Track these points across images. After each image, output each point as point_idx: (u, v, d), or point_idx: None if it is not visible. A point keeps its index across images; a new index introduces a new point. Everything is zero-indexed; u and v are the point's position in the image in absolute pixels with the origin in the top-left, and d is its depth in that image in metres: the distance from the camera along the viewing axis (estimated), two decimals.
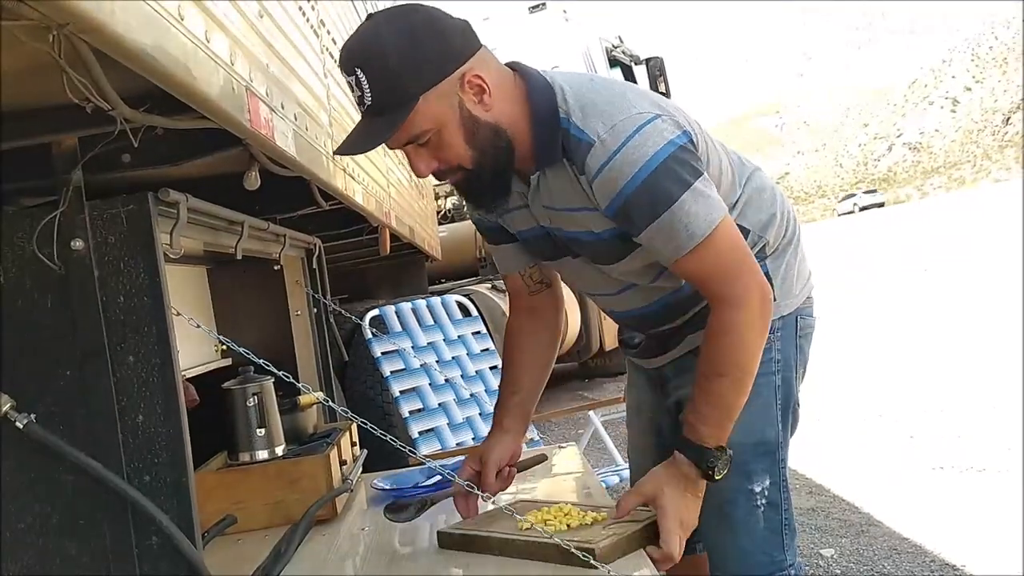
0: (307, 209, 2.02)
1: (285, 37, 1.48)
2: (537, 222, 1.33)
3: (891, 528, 2.81)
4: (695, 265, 1.19)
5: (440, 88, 1.14)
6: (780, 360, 1.37)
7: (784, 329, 1.37)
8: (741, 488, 1.33)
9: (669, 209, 1.15)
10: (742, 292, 1.19)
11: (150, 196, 1.12)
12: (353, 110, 2.08)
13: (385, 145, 1.21)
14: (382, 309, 3.07)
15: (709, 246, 1.17)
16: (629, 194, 1.15)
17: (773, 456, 1.36)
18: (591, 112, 1.18)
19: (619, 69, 7.27)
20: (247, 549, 1.46)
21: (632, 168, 1.14)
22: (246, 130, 1.14)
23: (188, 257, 1.72)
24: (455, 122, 1.16)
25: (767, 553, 1.35)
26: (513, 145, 1.21)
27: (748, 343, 1.20)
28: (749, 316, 1.19)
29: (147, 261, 1.11)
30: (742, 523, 1.34)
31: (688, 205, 1.15)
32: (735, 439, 1.26)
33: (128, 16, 0.76)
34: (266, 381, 1.66)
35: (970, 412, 4.05)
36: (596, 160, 1.16)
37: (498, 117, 1.19)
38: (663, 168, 1.14)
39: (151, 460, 1.10)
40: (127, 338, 1.10)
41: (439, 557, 1.35)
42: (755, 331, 1.21)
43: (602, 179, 1.16)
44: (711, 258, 1.18)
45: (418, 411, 2.85)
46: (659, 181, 1.14)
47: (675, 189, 1.15)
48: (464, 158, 1.19)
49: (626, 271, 1.31)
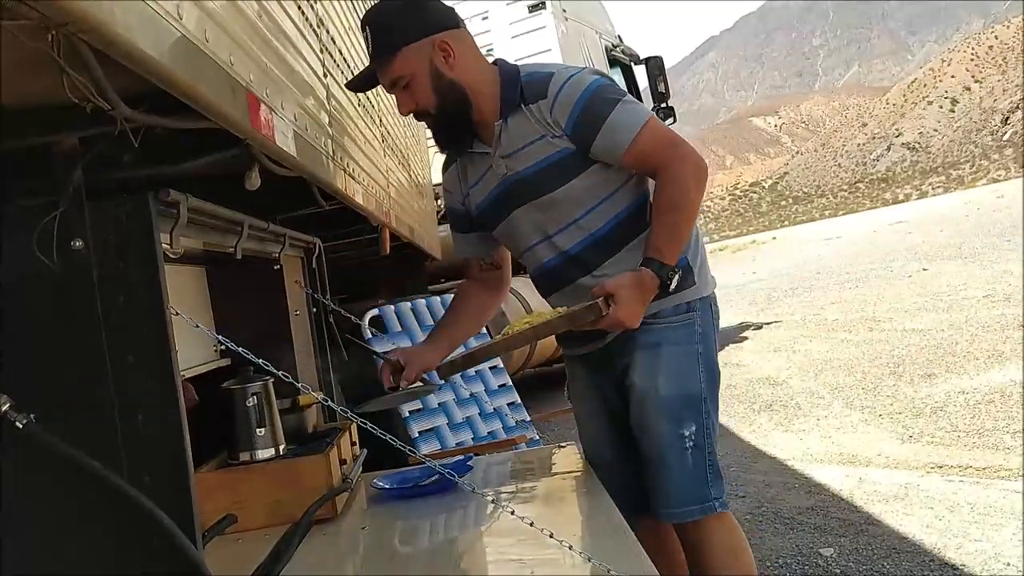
0: (307, 209, 2.02)
1: (285, 37, 1.48)
2: (496, 179, 1.69)
3: (891, 527, 2.81)
4: (642, 146, 1.56)
5: (416, 45, 1.58)
6: (701, 332, 1.67)
7: (702, 309, 1.69)
8: (672, 432, 1.63)
9: (614, 109, 1.57)
10: (681, 154, 1.56)
11: (150, 196, 1.12)
12: (352, 109, 2.09)
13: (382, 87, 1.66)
14: (381, 309, 3.08)
15: (649, 130, 1.57)
16: (584, 102, 1.57)
17: (699, 408, 1.65)
18: (545, 67, 1.66)
19: (619, 68, 7.27)
20: (247, 548, 1.46)
21: (580, 87, 1.59)
22: (246, 130, 1.14)
23: (187, 257, 1.71)
24: (425, 73, 1.59)
25: (697, 486, 1.63)
26: (470, 99, 1.62)
27: (690, 188, 1.56)
28: (687, 170, 1.56)
29: (147, 261, 1.11)
30: (675, 462, 1.63)
31: (627, 105, 1.59)
32: (668, 394, 1.62)
33: (127, 16, 0.76)
34: (266, 381, 1.66)
35: (970, 412, 4.05)
36: (556, 84, 1.60)
37: (459, 76, 1.60)
38: (601, 87, 1.60)
39: (151, 460, 1.10)
40: (126, 338, 1.10)
41: (439, 557, 1.35)
42: (695, 181, 1.57)
43: (562, 95, 1.59)
44: (653, 138, 1.57)
45: (418, 411, 2.85)
46: (601, 94, 1.59)
47: (613, 98, 1.59)
48: (430, 103, 1.61)
49: (567, 197, 1.63)
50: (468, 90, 1.62)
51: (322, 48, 1.88)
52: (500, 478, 1.90)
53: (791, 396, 5.15)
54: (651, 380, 1.64)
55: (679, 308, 1.66)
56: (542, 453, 2.17)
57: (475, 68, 1.64)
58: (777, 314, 9.30)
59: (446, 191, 1.85)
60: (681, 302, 1.65)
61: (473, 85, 1.62)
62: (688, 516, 1.63)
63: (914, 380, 4.93)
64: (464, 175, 1.77)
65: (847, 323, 7.64)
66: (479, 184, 1.73)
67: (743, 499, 3.33)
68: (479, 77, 1.63)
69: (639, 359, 1.66)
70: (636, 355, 1.66)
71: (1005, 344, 5.37)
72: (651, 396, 1.64)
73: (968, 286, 8.41)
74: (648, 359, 1.65)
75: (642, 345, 1.66)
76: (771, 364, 6.34)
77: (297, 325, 2.14)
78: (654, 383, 1.64)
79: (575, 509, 1.64)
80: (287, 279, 2.13)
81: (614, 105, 1.57)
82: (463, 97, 1.62)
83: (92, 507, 1.08)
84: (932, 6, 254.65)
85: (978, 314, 6.67)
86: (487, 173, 1.71)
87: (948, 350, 5.56)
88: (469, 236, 1.84)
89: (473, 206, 1.77)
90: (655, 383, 1.64)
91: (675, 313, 1.65)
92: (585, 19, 6.92)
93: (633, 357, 1.67)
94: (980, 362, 5.04)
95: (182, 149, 1.28)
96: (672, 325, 1.65)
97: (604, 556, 1.21)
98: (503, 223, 1.73)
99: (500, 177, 1.68)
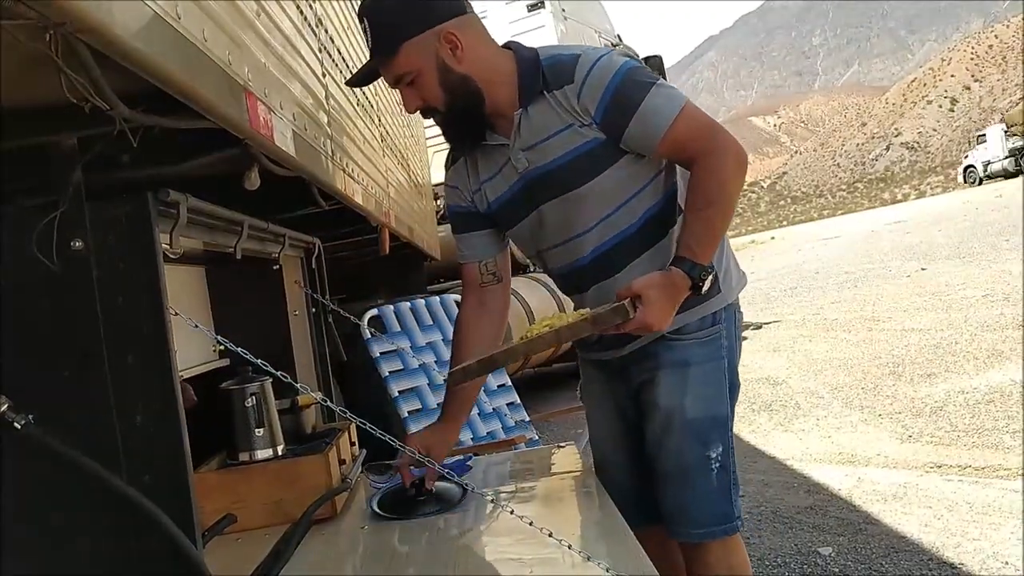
0: (306, 209, 2.02)
1: (284, 36, 1.48)
2: (516, 172, 1.55)
3: (889, 527, 2.81)
4: (678, 134, 1.43)
5: (420, 39, 1.43)
6: (727, 347, 1.58)
7: (727, 320, 1.59)
8: (699, 454, 1.55)
9: (648, 93, 1.43)
10: (721, 143, 1.43)
11: (150, 196, 1.12)
12: (351, 109, 2.08)
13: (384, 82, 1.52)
14: (381, 309, 3.07)
15: (685, 117, 1.43)
16: (616, 86, 1.43)
17: (725, 427, 1.58)
18: (567, 49, 1.50)
19: None
20: (247, 548, 1.46)
21: (611, 70, 1.44)
22: (245, 130, 1.14)
23: (186, 257, 1.71)
24: (431, 68, 1.45)
25: (720, 508, 1.58)
26: (482, 93, 1.48)
27: (730, 179, 1.43)
28: (729, 159, 1.43)
29: (146, 261, 1.11)
30: (701, 484, 1.57)
31: (661, 89, 1.45)
32: (696, 416, 1.54)
33: (126, 16, 0.76)
34: (265, 381, 1.66)
35: (969, 411, 4.05)
36: (583, 67, 1.45)
37: (469, 69, 1.46)
38: (632, 70, 1.46)
39: (150, 460, 1.10)
40: (125, 338, 1.10)
41: (439, 557, 1.35)
42: (734, 171, 1.44)
43: (591, 79, 1.44)
44: (690, 125, 1.43)
45: (417, 411, 2.85)
46: (633, 77, 1.45)
47: (646, 81, 1.45)
48: (438, 99, 1.48)
49: (597, 192, 1.51)
50: (480, 83, 1.47)
51: (321, 48, 1.88)
52: (499, 478, 1.90)
53: (790, 396, 5.15)
54: (678, 400, 1.55)
55: (704, 321, 1.55)
56: (541, 453, 2.17)
57: (487, 58, 1.49)
58: (776, 314, 9.30)
59: (449, 188, 1.69)
60: (706, 314, 1.55)
61: (486, 76, 1.48)
62: (711, 536, 1.58)
63: (913, 380, 4.93)
64: (475, 169, 1.62)
65: (846, 323, 7.64)
66: (495, 179, 1.59)
67: (742, 498, 3.29)
68: (492, 67, 1.49)
69: (663, 378, 1.56)
70: (660, 373, 1.57)
71: (1004, 344, 5.37)
72: (677, 417, 1.55)
73: (967, 285, 8.41)
74: (674, 378, 1.55)
75: (667, 363, 1.56)
76: (770, 364, 6.34)
77: (296, 325, 2.14)
78: (680, 404, 1.55)
79: (574, 509, 1.63)
80: (286, 279, 2.13)
81: (648, 89, 1.43)
82: (475, 92, 1.48)
83: (91, 508, 1.08)
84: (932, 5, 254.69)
85: (977, 314, 6.67)
86: (505, 167, 1.56)
87: (947, 350, 5.56)
88: (471, 236, 1.68)
89: (487, 203, 1.62)
90: (682, 404, 1.55)
91: (701, 327, 1.55)
92: (584, 18, 6.92)
93: (657, 375, 1.57)
94: (979, 362, 5.04)
95: (181, 149, 1.28)
96: (699, 340, 1.55)
97: (604, 556, 1.21)
98: (523, 221, 1.60)
99: (520, 171, 1.54)
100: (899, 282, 9.89)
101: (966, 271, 9.57)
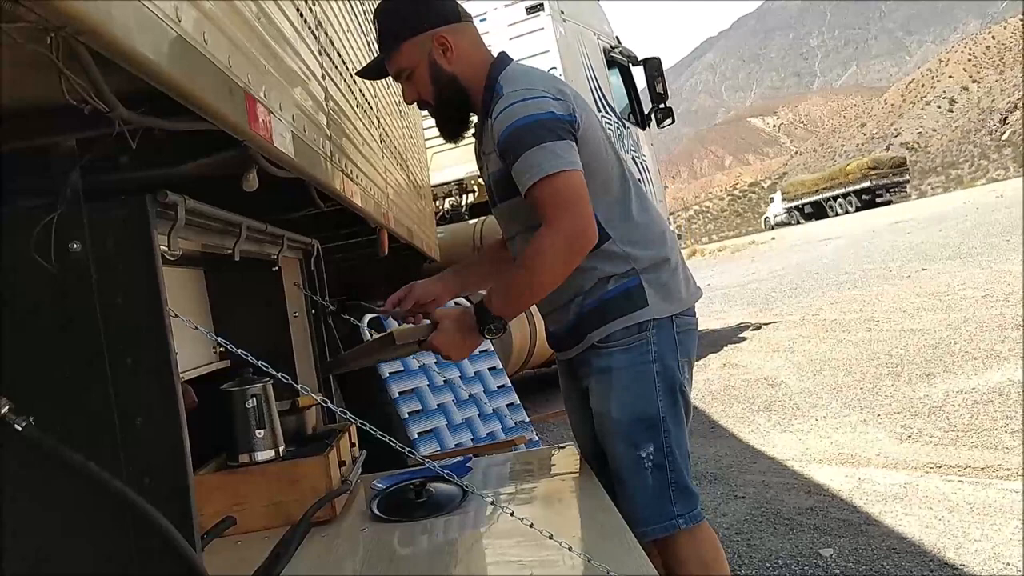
0: (305, 211, 2.02)
1: (283, 38, 1.48)
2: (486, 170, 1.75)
3: (890, 527, 2.81)
4: (535, 195, 1.54)
5: (417, 39, 1.66)
6: (656, 351, 1.66)
7: (659, 328, 1.67)
8: (630, 454, 1.65)
9: (530, 149, 1.54)
10: (558, 222, 1.53)
11: (148, 198, 1.12)
12: (350, 110, 2.08)
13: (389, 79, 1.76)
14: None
15: (549, 184, 1.53)
16: (509, 132, 1.57)
17: (656, 428, 1.65)
18: (511, 82, 1.63)
19: (617, 70, 7.28)
20: (247, 550, 1.46)
21: (514, 117, 1.57)
22: (244, 132, 1.14)
23: (185, 259, 1.71)
24: (425, 66, 1.67)
25: (658, 505, 1.64)
26: (467, 92, 1.69)
27: (546, 256, 1.54)
28: (555, 239, 1.53)
29: (145, 263, 1.11)
30: (634, 483, 1.65)
31: (542, 152, 1.54)
32: (621, 417, 1.64)
33: (125, 17, 0.76)
34: (265, 382, 1.66)
35: (968, 411, 4.05)
36: (499, 106, 1.61)
37: (457, 70, 1.68)
38: (533, 124, 1.56)
39: (150, 462, 1.10)
40: (125, 340, 1.10)
41: (439, 559, 1.35)
42: (556, 252, 1.54)
43: (499, 118, 1.60)
44: (544, 193, 1.54)
45: (417, 412, 2.85)
46: (530, 129, 1.55)
47: (534, 139, 1.54)
48: (429, 94, 1.70)
49: (513, 208, 1.68)
50: (465, 84, 1.68)
51: (320, 50, 1.88)
52: (499, 479, 1.90)
53: (790, 396, 5.15)
54: (604, 404, 1.67)
55: (630, 330, 1.66)
56: (541, 454, 2.17)
57: (475, 63, 1.69)
58: (776, 314, 9.31)
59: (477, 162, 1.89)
60: (632, 323, 1.66)
61: (471, 79, 1.68)
62: (651, 534, 1.64)
63: (913, 380, 4.93)
64: (480, 142, 1.79)
65: (846, 323, 7.64)
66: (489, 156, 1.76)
67: (742, 500, 3.33)
68: (477, 72, 1.68)
69: (593, 384, 1.70)
70: (591, 379, 1.71)
71: (1004, 344, 5.37)
72: (605, 420, 1.67)
73: (967, 286, 8.41)
74: (600, 384, 1.68)
75: (595, 370, 1.69)
76: (770, 364, 6.34)
77: (296, 326, 2.14)
78: (607, 407, 1.66)
79: (574, 510, 1.64)
80: (285, 281, 2.13)
81: (532, 146, 1.54)
82: (459, 89, 1.68)
83: (91, 509, 1.08)
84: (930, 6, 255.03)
85: (977, 314, 6.67)
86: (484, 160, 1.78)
87: (947, 350, 5.56)
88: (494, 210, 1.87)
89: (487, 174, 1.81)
90: (608, 407, 1.66)
91: (626, 335, 1.66)
92: (583, 20, 6.92)
93: (589, 381, 1.72)
94: (979, 362, 5.04)
95: (180, 151, 1.28)
96: (622, 347, 1.66)
97: (604, 557, 1.21)
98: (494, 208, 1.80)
99: (486, 171, 1.76)
100: (899, 282, 9.89)
101: (966, 271, 9.57)
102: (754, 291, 12.44)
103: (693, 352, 1.75)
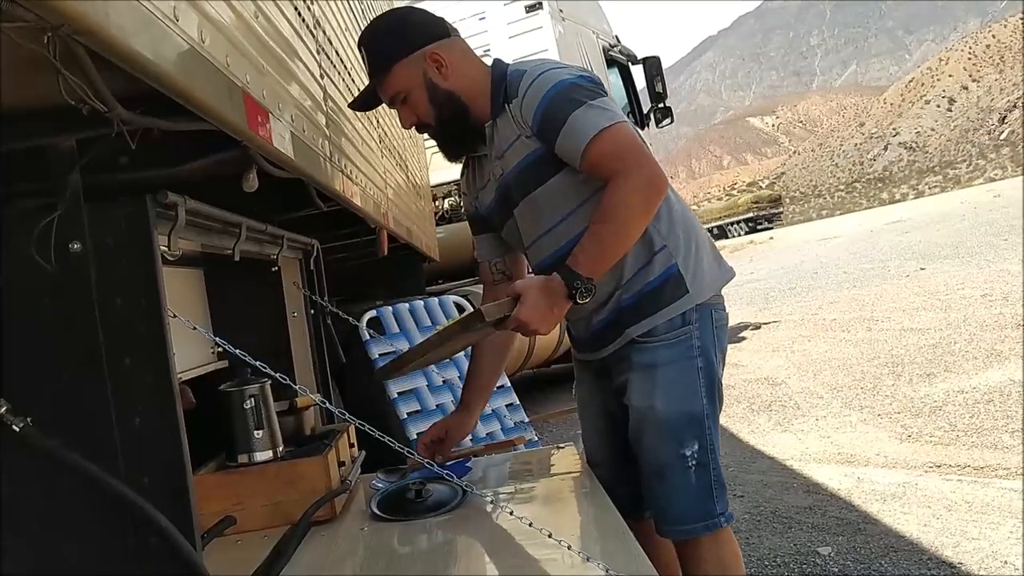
0: (305, 211, 2.02)
1: (282, 38, 1.48)
2: (495, 179, 1.68)
3: (889, 526, 2.81)
4: (596, 151, 1.48)
5: (408, 60, 1.59)
6: (700, 346, 1.63)
7: (700, 320, 1.63)
8: (675, 453, 1.60)
9: (577, 109, 1.50)
10: (632, 166, 1.47)
11: (148, 198, 1.12)
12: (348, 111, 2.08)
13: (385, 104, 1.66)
14: (379, 310, 3.07)
15: (610, 134, 1.48)
16: (548, 101, 1.52)
17: (701, 425, 1.62)
18: (527, 66, 1.61)
19: (616, 69, 7.27)
20: (246, 550, 1.46)
21: (546, 85, 1.54)
22: (243, 132, 1.14)
23: (185, 259, 1.71)
24: (420, 86, 1.60)
25: (702, 504, 1.61)
26: (466, 106, 1.62)
27: (630, 202, 1.47)
28: (635, 182, 1.47)
29: (144, 263, 1.11)
30: (678, 481, 1.61)
31: (592, 107, 1.50)
32: (667, 415, 1.59)
33: (123, 18, 0.76)
34: (263, 383, 1.66)
35: (968, 411, 4.05)
36: (526, 82, 1.56)
37: (454, 85, 1.61)
38: (568, 86, 1.53)
39: (149, 462, 1.10)
40: (124, 340, 1.10)
41: (439, 558, 1.35)
42: (639, 195, 1.48)
43: (529, 93, 1.55)
44: (608, 146, 1.48)
45: (416, 412, 2.85)
46: (567, 93, 1.52)
47: (578, 98, 1.51)
48: (428, 115, 1.63)
49: (546, 199, 1.61)
50: (464, 98, 1.62)
51: (319, 49, 1.88)
52: (499, 479, 1.90)
53: (789, 396, 5.15)
54: (648, 401, 1.61)
55: (673, 323, 1.61)
56: (541, 454, 2.17)
57: (470, 74, 1.63)
58: (775, 314, 9.31)
59: (463, 193, 1.87)
60: (675, 315, 1.61)
61: (469, 91, 1.62)
62: (692, 533, 1.61)
63: (912, 379, 4.93)
64: (474, 177, 1.78)
65: (845, 323, 7.64)
66: (485, 187, 1.74)
67: (741, 499, 3.34)
68: (474, 82, 1.63)
69: (634, 379, 1.64)
70: (631, 375, 1.64)
71: (1003, 343, 5.37)
72: (649, 417, 1.61)
73: (966, 285, 8.42)
74: (644, 380, 1.62)
75: (636, 365, 1.63)
76: (769, 364, 6.34)
77: (295, 327, 2.14)
78: (651, 404, 1.61)
79: (574, 510, 1.64)
80: (285, 281, 2.13)
81: (578, 106, 1.50)
82: (459, 105, 1.62)
83: (90, 510, 1.08)
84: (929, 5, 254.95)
85: (976, 313, 6.68)
86: (489, 175, 1.71)
87: (946, 349, 5.56)
88: (482, 238, 1.84)
89: (484, 207, 1.77)
90: (652, 404, 1.61)
91: (669, 329, 1.61)
92: (582, 19, 6.92)
93: (629, 377, 1.65)
94: (978, 361, 5.04)
95: (179, 151, 1.28)
96: (666, 343, 1.61)
97: (603, 556, 1.21)
98: (508, 223, 1.72)
99: (497, 178, 1.68)
100: (898, 282, 9.90)
101: (965, 271, 9.58)
102: (753, 291, 12.44)
103: (726, 347, 1.72)
